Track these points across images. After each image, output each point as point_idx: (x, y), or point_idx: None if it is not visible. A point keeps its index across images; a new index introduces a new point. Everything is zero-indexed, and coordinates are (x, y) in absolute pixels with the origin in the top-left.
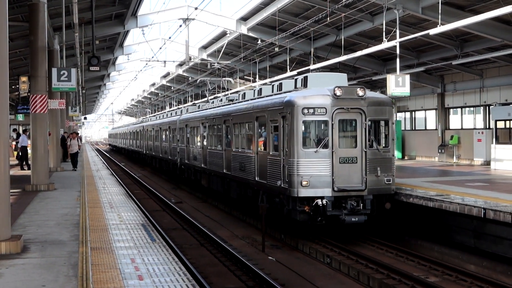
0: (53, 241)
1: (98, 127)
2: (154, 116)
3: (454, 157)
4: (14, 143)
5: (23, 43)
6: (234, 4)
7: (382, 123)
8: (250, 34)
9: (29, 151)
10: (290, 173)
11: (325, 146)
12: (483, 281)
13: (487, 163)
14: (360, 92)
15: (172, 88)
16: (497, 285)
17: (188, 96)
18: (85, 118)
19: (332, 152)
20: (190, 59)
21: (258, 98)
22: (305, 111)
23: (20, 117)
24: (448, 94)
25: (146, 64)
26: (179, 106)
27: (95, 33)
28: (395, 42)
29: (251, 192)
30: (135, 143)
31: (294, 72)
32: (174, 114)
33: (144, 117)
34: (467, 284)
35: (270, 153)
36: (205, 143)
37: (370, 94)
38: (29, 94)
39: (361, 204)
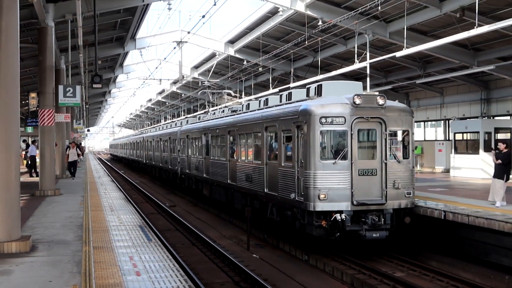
0: (59, 241)
1: (100, 138)
2: (153, 127)
3: (418, 166)
4: (23, 152)
5: (32, 62)
6: (222, 29)
7: (403, 133)
8: (237, 55)
9: (37, 160)
10: (307, 186)
11: (344, 157)
12: (443, 275)
13: (447, 170)
14: (381, 101)
15: (167, 103)
16: (456, 280)
17: (181, 111)
18: (88, 130)
19: (352, 163)
20: (183, 77)
21: (265, 108)
22: (323, 120)
23: (30, 129)
24: (412, 109)
25: (144, 81)
26: (179, 118)
27: (98, 54)
28: (366, 63)
29: (258, 203)
30: (135, 153)
31: (276, 90)
32: (174, 126)
33: (143, 128)
34: (429, 278)
35: (282, 164)
36: (207, 153)
37: (389, 103)
38: (37, 108)
39: (382, 219)
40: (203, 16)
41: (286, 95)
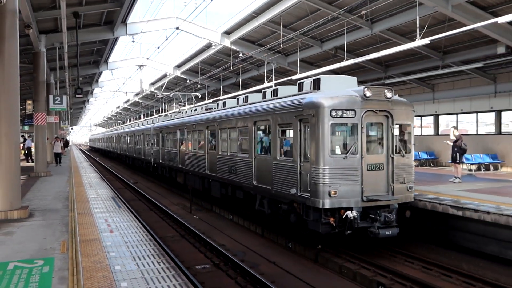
0: (51, 209)
1: (81, 134)
2: (126, 125)
3: None
4: (22, 144)
5: (28, 78)
6: (172, 56)
7: (406, 127)
8: (182, 75)
9: (32, 150)
10: (315, 182)
11: (355, 152)
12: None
13: None
14: (388, 94)
15: (131, 109)
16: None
17: (142, 115)
18: (72, 128)
19: (362, 158)
20: (143, 91)
21: (249, 104)
22: (333, 113)
23: (26, 127)
24: None
25: (114, 93)
26: (150, 117)
27: (79, 72)
28: (272, 83)
29: (242, 194)
30: (111, 145)
31: (210, 101)
32: (146, 123)
33: (117, 126)
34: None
35: (278, 158)
36: (183, 146)
37: (395, 96)
38: (33, 112)
39: (393, 215)
40: (158, 47)
41: (271, 91)
